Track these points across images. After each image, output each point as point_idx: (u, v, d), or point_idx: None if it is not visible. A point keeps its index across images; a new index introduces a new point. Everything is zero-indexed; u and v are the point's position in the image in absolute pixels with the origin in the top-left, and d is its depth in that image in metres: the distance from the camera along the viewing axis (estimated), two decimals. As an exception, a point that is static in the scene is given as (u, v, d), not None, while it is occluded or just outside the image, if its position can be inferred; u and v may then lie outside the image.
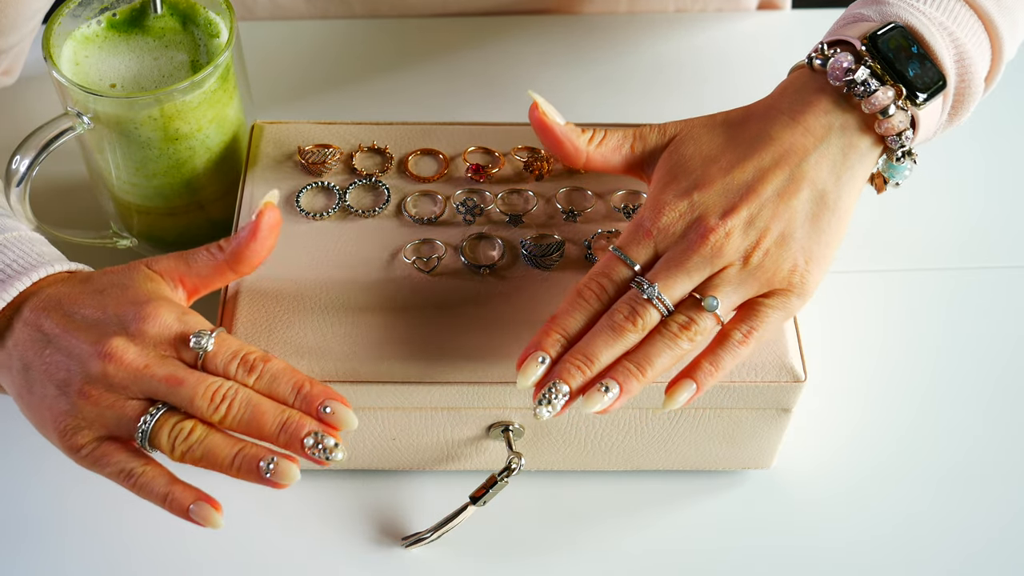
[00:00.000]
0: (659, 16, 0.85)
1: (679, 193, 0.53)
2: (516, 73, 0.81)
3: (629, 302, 0.51)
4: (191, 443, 0.50)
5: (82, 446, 0.51)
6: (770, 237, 0.51)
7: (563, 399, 0.50)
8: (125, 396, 0.50)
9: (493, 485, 0.57)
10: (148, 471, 0.51)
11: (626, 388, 0.50)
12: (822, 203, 0.52)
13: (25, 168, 0.59)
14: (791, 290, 0.52)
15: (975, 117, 0.80)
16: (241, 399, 0.50)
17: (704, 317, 0.51)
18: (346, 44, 0.83)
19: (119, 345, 0.50)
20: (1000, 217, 0.74)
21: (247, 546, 0.59)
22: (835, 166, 0.53)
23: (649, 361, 0.50)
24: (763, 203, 0.52)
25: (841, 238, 0.53)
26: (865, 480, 0.63)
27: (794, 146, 0.53)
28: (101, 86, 0.61)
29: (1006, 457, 0.64)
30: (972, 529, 0.61)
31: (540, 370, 0.51)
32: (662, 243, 0.52)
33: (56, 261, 0.54)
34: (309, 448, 0.49)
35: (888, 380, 0.67)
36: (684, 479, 0.62)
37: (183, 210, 0.66)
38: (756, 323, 0.51)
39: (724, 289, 0.51)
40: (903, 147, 0.53)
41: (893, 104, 0.52)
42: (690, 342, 0.51)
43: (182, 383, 0.49)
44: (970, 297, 0.70)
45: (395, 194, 0.62)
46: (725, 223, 0.51)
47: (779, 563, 0.60)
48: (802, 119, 0.53)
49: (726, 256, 0.51)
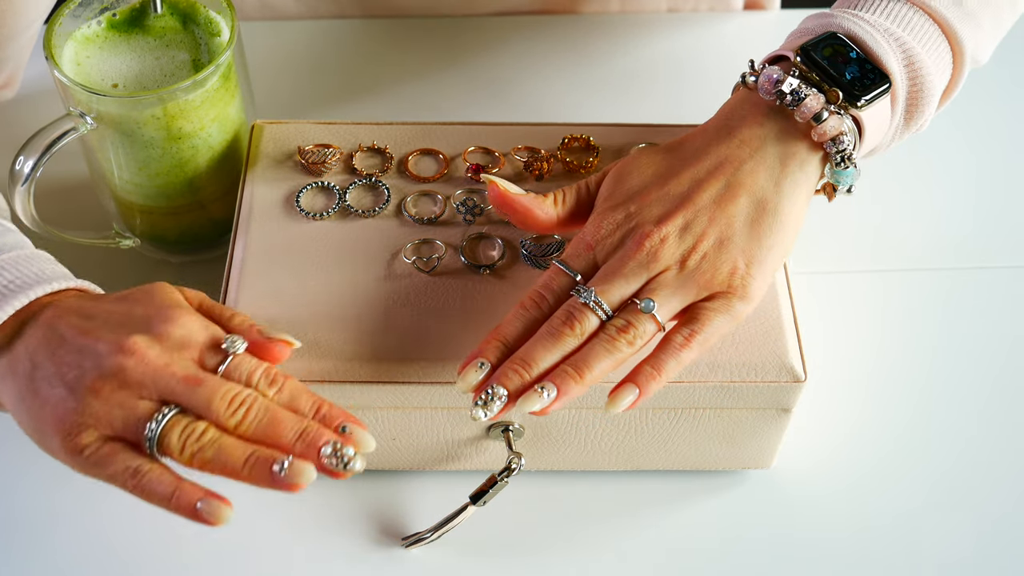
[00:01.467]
0: (652, 16, 0.85)
1: (617, 207, 0.54)
2: (515, 73, 0.81)
3: (567, 308, 0.52)
4: (203, 443, 0.49)
5: (85, 446, 0.49)
6: (707, 241, 0.52)
7: (500, 402, 0.50)
8: (137, 395, 0.49)
9: (493, 485, 0.57)
10: (154, 469, 0.49)
11: (564, 390, 0.50)
12: (762, 208, 0.53)
13: (29, 169, 0.59)
14: (732, 293, 0.52)
15: (975, 117, 0.80)
16: (260, 405, 0.49)
17: (642, 320, 0.51)
18: (345, 44, 0.83)
19: (141, 342, 0.49)
20: (999, 217, 0.74)
21: (247, 546, 0.59)
22: (773, 173, 0.53)
23: (587, 364, 0.50)
24: (699, 210, 0.53)
25: (787, 243, 0.54)
26: (865, 480, 0.63)
27: (729, 157, 0.54)
28: (103, 86, 0.61)
29: (1004, 456, 0.64)
30: (971, 528, 0.61)
31: (479, 375, 0.51)
32: (601, 253, 0.53)
33: (57, 279, 0.54)
34: (327, 457, 0.48)
35: (887, 380, 0.66)
36: (684, 479, 0.62)
37: (185, 209, 0.66)
38: (697, 326, 0.51)
39: (661, 293, 0.51)
40: (842, 152, 0.53)
41: (825, 110, 0.53)
42: (629, 345, 0.51)
43: (202, 383, 0.49)
44: (969, 297, 0.70)
45: (395, 194, 0.62)
46: (660, 229, 0.52)
47: (779, 563, 0.60)
48: (737, 132, 0.54)
49: (662, 261, 0.52)
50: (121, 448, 0.50)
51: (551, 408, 0.50)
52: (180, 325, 0.50)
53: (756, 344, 0.56)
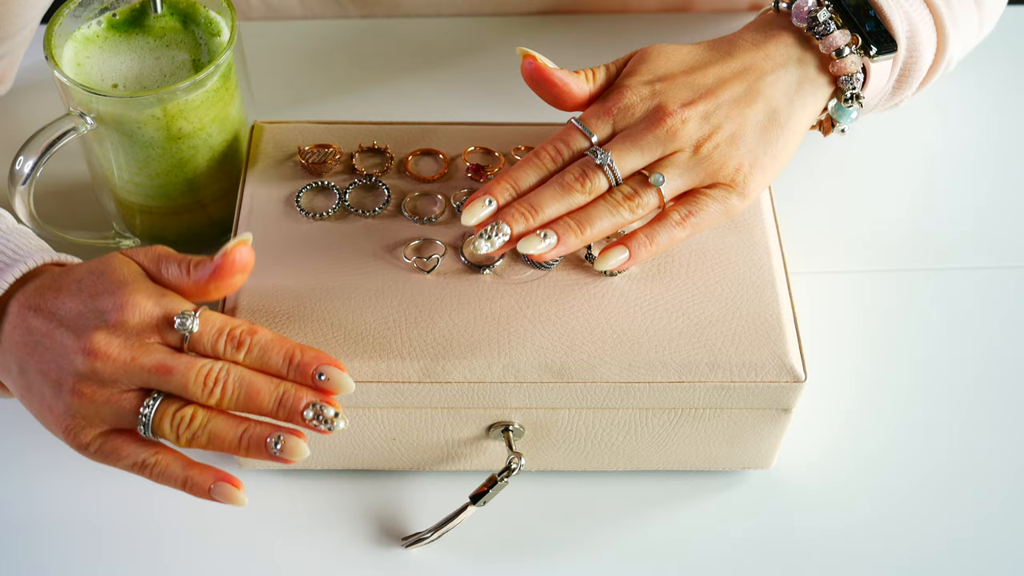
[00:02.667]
0: (652, 16, 0.85)
1: (643, 81, 0.56)
2: (515, 73, 0.81)
3: (581, 165, 0.54)
4: (194, 430, 0.50)
5: (88, 443, 0.50)
6: (722, 133, 0.55)
7: (503, 238, 0.53)
8: (119, 389, 0.50)
9: (493, 485, 0.57)
10: (160, 459, 0.51)
11: (563, 240, 0.53)
12: (773, 118, 0.56)
13: (29, 169, 0.59)
14: (733, 187, 0.55)
15: (975, 118, 0.80)
16: (234, 379, 0.50)
17: (648, 192, 0.54)
18: (345, 44, 0.83)
19: (101, 340, 0.49)
20: (999, 217, 0.74)
21: (247, 546, 0.59)
22: (789, 90, 0.57)
23: (590, 221, 0.53)
24: (720, 104, 0.55)
25: (787, 156, 0.57)
26: (864, 480, 0.63)
27: (754, 65, 0.57)
28: (103, 86, 0.61)
29: (1004, 456, 0.64)
30: (971, 528, 0.61)
31: (485, 211, 0.53)
32: (621, 122, 0.55)
33: (36, 252, 0.54)
34: (309, 420, 0.49)
35: (887, 380, 0.66)
36: (684, 479, 0.62)
37: (185, 209, 0.66)
38: (695, 208, 0.55)
39: (672, 171, 0.54)
40: (853, 89, 0.58)
41: (847, 47, 0.57)
42: (631, 212, 0.54)
43: (171, 371, 0.49)
44: (969, 297, 0.70)
45: (395, 194, 0.62)
46: (683, 111, 0.55)
47: (779, 563, 0.60)
48: (764, 46, 0.58)
49: (679, 141, 0.54)
50: (124, 441, 0.51)
51: (548, 255, 0.53)
52: (132, 311, 0.50)
53: (756, 344, 0.56)
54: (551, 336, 0.56)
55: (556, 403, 0.57)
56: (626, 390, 0.56)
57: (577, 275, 0.58)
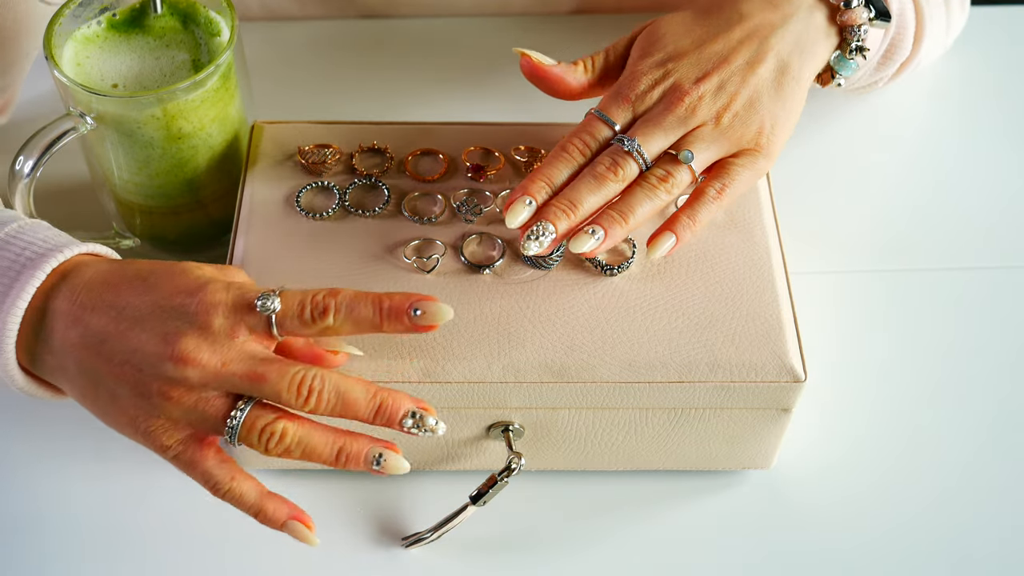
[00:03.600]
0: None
1: (655, 63, 0.57)
2: (515, 73, 0.81)
3: (611, 155, 0.55)
4: (287, 446, 0.49)
5: (168, 447, 0.50)
6: (739, 101, 0.56)
7: (550, 237, 0.54)
8: (207, 392, 0.49)
9: (493, 485, 0.57)
10: (236, 487, 0.50)
11: (611, 233, 0.54)
12: (786, 72, 0.57)
13: (29, 169, 0.59)
14: (758, 150, 0.57)
15: (976, 118, 0.80)
16: (329, 388, 0.49)
17: (680, 170, 0.55)
18: (345, 44, 0.83)
19: (190, 345, 0.48)
20: (999, 218, 0.74)
21: (247, 546, 0.59)
22: (799, 40, 0.58)
23: (631, 209, 0.54)
24: (733, 71, 0.56)
25: (801, 104, 0.59)
26: (865, 480, 0.63)
27: (763, 22, 0.57)
28: (103, 86, 0.61)
29: (1004, 456, 0.64)
30: (972, 529, 0.61)
31: (527, 212, 0.54)
32: (640, 106, 0.56)
33: (68, 244, 0.53)
34: (408, 428, 0.50)
35: (888, 380, 0.66)
36: (684, 479, 0.62)
37: (185, 209, 0.66)
38: (728, 180, 0.56)
39: (698, 146, 0.55)
40: (858, 41, 0.59)
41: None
42: (668, 193, 0.55)
43: (264, 379, 0.48)
44: (970, 297, 0.70)
45: (395, 194, 0.62)
46: (699, 87, 0.56)
47: (779, 563, 0.60)
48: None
49: (699, 116, 0.55)
50: (204, 455, 0.50)
51: (598, 250, 0.54)
52: (216, 310, 0.49)
53: (756, 344, 0.56)
54: (551, 336, 0.56)
55: (556, 403, 0.57)
56: (626, 390, 0.56)
57: (577, 275, 0.58)
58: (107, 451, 0.62)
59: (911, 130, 0.79)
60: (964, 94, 0.81)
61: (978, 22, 0.82)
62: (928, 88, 0.80)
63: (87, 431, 0.61)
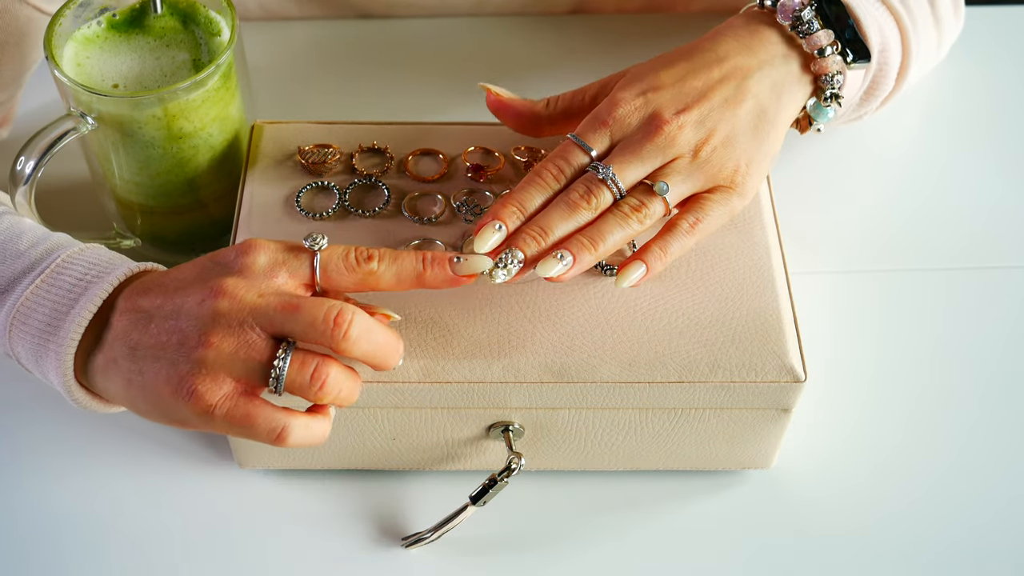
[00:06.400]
0: (653, 16, 0.85)
1: (635, 92, 0.57)
2: (515, 73, 0.81)
3: (585, 182, 0.54)
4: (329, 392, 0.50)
5: (215, 406, 0.49)
6: (717, 136, 0.56)
7: (518, 265, 0.53)
8: (246, 339, 0.49)
9: (493, 485, 0.57)
10: (295, 429, 0.50)
11: (579, 259, 0.53)
12: (763, 116, 0.57)
13: (30, 169, 0.59)
14: (733, 188, 0.56)
15: (976, 118, 0.80)
16: (360, 324, 0.49)
17: (654, 201, 0.54)
18: (345, 44, 0.83)
19: (229, 282, 0.50)
20: (999, 217, 0.74)
21: (247, 545, 0.59)
22: (775, 87, 0.58)
23: (602, 236, 0.54)
24: (712, 107, 0.56)
25: (777, 149, 0.59)
26: (865, 480, 0.63)
27: (740, 65, 0.57)
28: (104, 86, 0.61)
29: (1003, 456, 0.64)
30: (971, 528, 0.61)
31: (496, 237, 0.53)
32: (618, 133, 0.56)
33: (127, 261, 0.54)
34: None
35: (887, 380, 0.66)
36: (684, 479, 0.62)
37: (186, 209, 0.66)
38: (702, 214, 0.56)
39: (674, 178, 0.55)
40: (832, 89, 0.59)
41: (829, 47, 0.58)
42: (640, 223, 0.54)
43: (298, 308, 0.49)
44: (969, 297, 0.70)
45: (395, 194, 0.62)
46: (679, 118, 0.55)
47: (779, 563, 0.60)
48: (749, 43, 0.58)
49: (678, 147, 0.55)
50: (254, 408, 0.49)
51: (566, 276, 0.53)
52: (256, 253, 0.51)
53: (756, 344, 0.56)
54: (551, 336, 0.56)
55: (556, 403, 0.57)
56: (626, 390, 0.56)
57: (577, 275, 0.58)
58: (116, 453, 0.62)
59: (909, 131, 0.79)
60: (965, 94, 0.81)
61: (975, 23, 0.82)
62: (926, 89, 0.80)
63: (103, 434, 0.62)
